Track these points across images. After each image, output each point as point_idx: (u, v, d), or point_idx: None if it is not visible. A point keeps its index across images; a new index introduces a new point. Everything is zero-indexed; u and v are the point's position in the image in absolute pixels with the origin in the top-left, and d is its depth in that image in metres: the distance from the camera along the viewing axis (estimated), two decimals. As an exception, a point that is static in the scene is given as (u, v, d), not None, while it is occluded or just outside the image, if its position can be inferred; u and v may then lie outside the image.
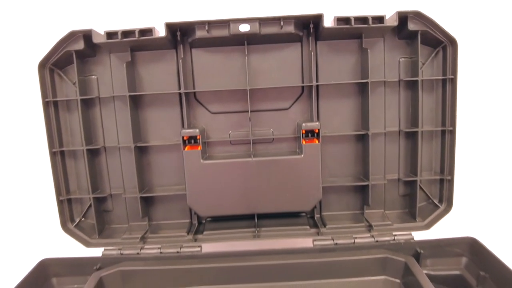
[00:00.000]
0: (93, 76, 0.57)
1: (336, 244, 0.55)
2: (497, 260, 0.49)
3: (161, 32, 0.52)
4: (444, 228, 0.56)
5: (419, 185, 0.58)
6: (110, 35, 0.52)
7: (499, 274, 0.48)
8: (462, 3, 0.62)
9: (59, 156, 0.57)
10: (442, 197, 0.59)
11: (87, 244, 0.58)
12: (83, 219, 0.61)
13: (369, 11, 0.53)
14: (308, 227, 0.58)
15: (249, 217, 0.60)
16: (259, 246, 0.55)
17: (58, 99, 0.56)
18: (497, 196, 0.66)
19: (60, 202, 0.58)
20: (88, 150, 0.57)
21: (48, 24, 0.63)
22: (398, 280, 0.53)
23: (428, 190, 0.59)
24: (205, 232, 0.58)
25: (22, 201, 0.68)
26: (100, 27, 0.53)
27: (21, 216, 0.68)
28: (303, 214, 0.61)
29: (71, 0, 0.64)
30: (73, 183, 0.59)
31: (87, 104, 0.57)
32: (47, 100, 0.55)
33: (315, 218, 0.61)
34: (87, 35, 0.53)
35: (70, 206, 0.59)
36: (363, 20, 0.51)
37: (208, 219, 0.61)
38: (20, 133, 0.66)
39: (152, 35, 0.51)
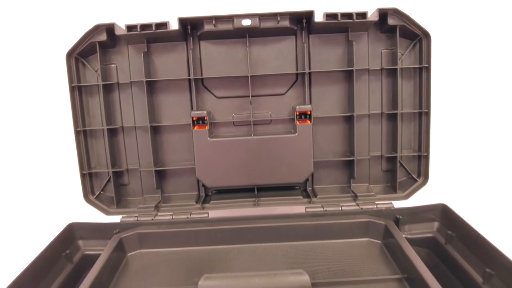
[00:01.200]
0: (113, 65, 0.66)
1: (326, 210, 0.63)
2: (463, 222, 0.57)
3: (174, 26, 0.61)
4: (421, 198, 0.65)
5: (399, 161, 0.67)
6: (130, 28, 0.60)
7: (464, 233, 0.56)
8: (435, 1, 0.71)
9: (82, 135, 0.65)
10: (420, 171, 0.67)
11: (107, 212, 0.66)
12: (102, 192, 0.69)
13: (355, 8, 0.61)
14: (301, 197, 0.66)
15: (250, 190, 0.68)
16: (259, 213, 0.64)
17: (82, 84, 0.64)
18: (465, 169, 0.75)
19: (83, 176, 0.66)
20: (108, 129, 0.65)
21: (71, 19, 0.72)
22: (379, 241, 0.61)
23: (408, 166, 0.68)
24: (211, 202, 0.66)
25: (53, 175, 0.76)
26: (111, 21, 0.61)
27: (51, 188, 0.76)
28: (297, 187, 0.69)
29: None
30: (94, 160, 0.68)
31: (108, 89, 0.65)
32: (73, 85, 0.63)
33: (308, 190, 0.69)
34: (109, 28, 0.61)
35: (91, 180, 0.67)
36: (348, 15, 0.60)
37: (214, 191, 0.69)
38: (49, 114, 0.75)
39: (166, 28, 0.60)
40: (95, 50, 0.63)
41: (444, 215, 0.62)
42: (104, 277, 0.53)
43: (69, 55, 0.62)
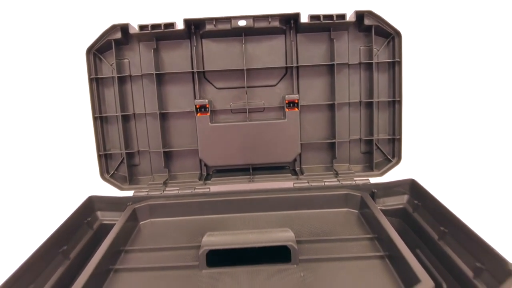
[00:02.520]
0: (126, 60, 0.75)
1: (310, 185, 0.73)
2: (427, 193, 0.67)
3: (179, 26, 0.70)
4: (393, 174, 0.74)
5: (376, 144, 0.77)
6: (142, 27, 0.70)
7: (428, 202, 0.66)
8: (405, 4, 0.81)
9: (99, 121, 0.75)
10: (394, 153, 0.77)
11: (121, 188, 0.75)
12: (116, 172, 0.78)
13: (336, 11, 0.71)
14: (290, 175, 0.76)
15: (245, 169, 0.78)
16: (253, 187, 0.74)
17: (99, 76, 0.74)
18: (431, 149, 0.85)
19: (99, 157, 0.75)
20: (121, 116, 0.74)
21: (89, 20, 0.81)
22: (356, 211, 0.71)
23: (383, 148, 0.78)
24: (212, 179, 0.76)
25: (74, 156, 0.86)
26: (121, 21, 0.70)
27: (74, 166, 0.86)
28: (287, 166, 0.79)
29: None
30: (109, 143, 0.77)
31: (121, 81, 0.75)
32: (91, 77, 0.73)
33: (296, 169, 0.79)
34: (124, 27, 0.70)
35: (107, 160, 0.77)
36: (330, 17, 0.69)
37: (214, 170, 0.79)
38: (70, 103, 0.84)
39: (173, 28, 0.69)
40: (110, 46, 0.72)
41: (413, 189, 0.71)
42: (119, 241, 0.62)
43: (88, 51, 0.72)
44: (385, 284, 0.50)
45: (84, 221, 0.67)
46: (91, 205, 0.71)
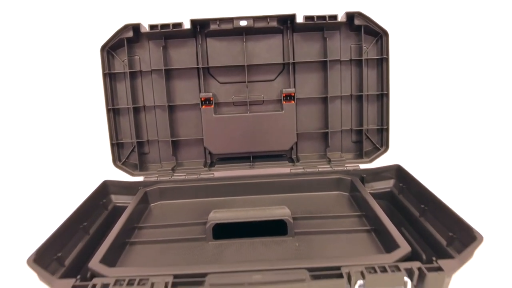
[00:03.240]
0: (136, 56, 0.81)
1: (305, 171, 0.79)
2: (412, 177, 0.73)
3: (186, 25, 0.76)
4: (381, 161, 0.81)
5: (365, 134, 0.83)
6: (152, 27, 0.76)
7: (412, 184, 0.72)
8: (392, 6, 0.87)
9: (112, 113, 0.81)
10: (382, 142, 0.84)
11: (132, 174, 0.82)
12: (127, 160, 0.85)
13: (329, 12, 0.77)
14: (287, 162, 0.83)
15: (246, 157, 0.84)
16: (253, 173, 0.80)
17: (112, 72, 0.80)
18: (416, 138, 0.92)
19: (112, 145, 0.82)
20: (133, 108, 0.81)
21: (102, 21, 0.88)
22: (347, 193, 0.77)
23: (372, 138, 0.84)
24: (216, 166, 0.82)
25: (90, 144, 0.93)
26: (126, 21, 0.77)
27: (90, 154, 0.93)
28: (284, 155, 0.85)
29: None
30: (121, 133, 0.83)
31: (132, 76, 0.81)
32: (105, 72, 0.79)
33: (292, 157, 0.85)
34: (135, 27, 0.77)
35: (119, 149, 0.83)
36: (323, 18, 0.76)
37: (218, 158, 0.85)
38: (86, 96, 0.90)
39: (180, 28, 0.76)
40: (123, 44, 0.78)
41: (398, 173, 0.78)
42: (133, 218, 0.69)
43: (103, 48, 0.78)
44: (369, 250, 0.56)
45: (100, 203, 0.74)
46: (105, 189, 0.77)
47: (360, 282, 0.46)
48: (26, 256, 0.51)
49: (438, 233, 0.60)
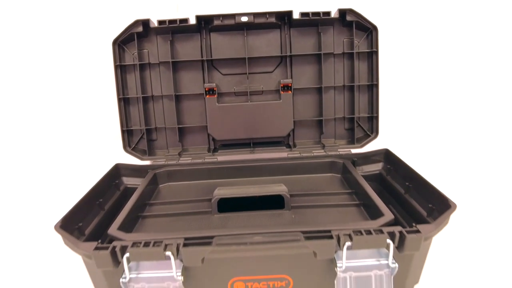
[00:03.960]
0: (145, 50, 0.87)
1: (301, 155, 0.86)
2: (398, 159, 0.79)
3: (192, 21, 0.82)
4: (371, 146, 0.87)
5: (357, 121, 0.89)
6: (160, 22, 0.82)
7: (398, 165, 0.78)
8: (381, 4, 0.93)
9: (123, 102, 0.87)
10: (372, 129, 0.90)
11: (141, 159, 0.88)
12: (136, 146, 0.90)
13: (323, 9, 0.83)
14: (284, 147, 0.89)
15: (247, 144, 0.90)
16: (253, 157, 0.86)
17: (123, 64, 0.86)
18: (402, 124, 0.99)
19: (123, 132, 0.87)
20: (142, 97, 0.87)
21: (112, 17, 0.93)
22: (339, 175, 0.84)
23: (364, 125, 0.90)
24: (219, 151, 0.88)
25: (103, 131, 0.98)
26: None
27: (104, 140, 0.98)
28: (282, 141, 0.91)
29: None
30: (130, 121, 0.89)
31: (141, 68, 0.87)
32: (116, 64, 0.85)
33: (289, 143, 0.91)
34: (145, 22, 0.82)
35: (129, 135, 0.89)
36: (317, 14, 0.82)
37: (220, 144, 0.91)
38: (100, 86, 0.96)
39: (186, 23, 0.82)
40: (133, 38, 0.84)
41: (387, 156, 0.84)
42: (144, 196, 0.75)
43: (114, 42, 0.84)
44: (357, 220, 0.63)
45: (113, 183, 0.80)
46: (117, 171, 0.83)
47: (348, 243, 0.52)
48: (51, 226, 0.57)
49: (420, 206, 0.66)
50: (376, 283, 0.55)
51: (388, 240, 0.52)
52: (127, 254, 0.51)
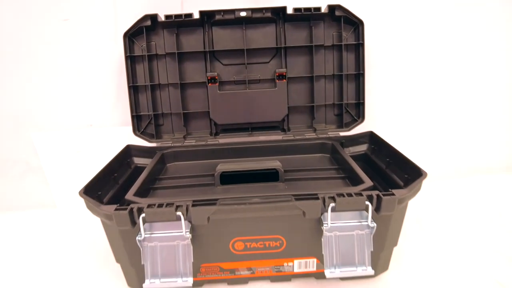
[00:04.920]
0: (153, 42, 0.94)
1: (295, 137, 0.93)
2: (381, 139, 0.87)
3: (196, 16, 0.90)
4: (358, 130, 0.95)
5: (345, 108, 0.97)
6: (167, 17, 0.89)
7: (381, 145, 0.86)
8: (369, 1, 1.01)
9: (132, 89, 0.94)
10: (359, 114, 0.97)
11: (149, 141, 0.95)
12: (144, 130, 0.97)
13: (314, 5, 0.91)
14: (279, 131, 0.96)
15: (245, 128, 0.97)
16: (251, 140, 0.94)
17: (133, 55, 0.93)
18: (385, 110, 1.07)
19: (132, 117, 0.94)
20: (150, 85, 0.94)
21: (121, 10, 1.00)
22: (328, 155, 0.92)
23: (351, 111, 0.97)
24: (220, 134, 0.96)
25: (115, 116, 1.06)
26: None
27: (115, 123, 1.06)
28: (277, 125, 0.98)
29: None
30: (139, 106, 0.96)
31: (149, 58, 0.94)
32: (127, 55, 0.91)
33: (284, 128, 0.98)
34: (153, 17, 0.90)
35: (138, 120, 0.96)
36: (308, 9, 0.89)
37: (221, 128, 0.98)
38: (112, 74, 1.02)
39: (191, 18, 0.89)
40: (141, 32, 0.91)
41: (371, 138, 0.92)
42: (154, 172, 0.82)
43: (125, 35, 0.90)
44: (341, 187, 0.71)
45: (125, 162, 0.87)
46: (128, 151, 0.90)
47: (332, 204, 0.60)
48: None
49: (398, 177, 0.74)
50: (358, 241, 0.64)
51: (367, 202, 0.60)
52: (143, 215, 0.59)
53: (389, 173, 0.78)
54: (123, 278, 0.74)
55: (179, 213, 0.59)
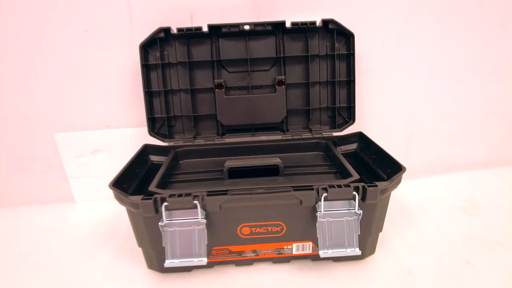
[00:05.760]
0: (166, 52, 1.03)
1: (293, 137, 1.04)
2: (368, 138, 0.97)
3: (204, 29, 1.00)
4: (349, 130, 1.06)
5: (338, 110, 1.07)
6: (179, 30, 0.99)
7: (368, 144, 0.97)
8: (358, 16, 1.11)
9: (147, 94, 1.04)
10: (350, 116, 1.08)
11: (163, 141, 1.05)
12: (158, 130, 1.07)
13: (310, 19, 1.01)
14: (279, 132, 1.06)
15: (249, 129, 1.07)
16: (254, 139, 1.04)
17: (148, 63, 1.02)
18: (373, 113, 1.17)
19: (148, 119, 1.04)
20: (163, 91, 1.04)
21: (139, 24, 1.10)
22: (322, 153, 1.02)
23: (343, 114, 1.08)
24: (226, 134, 1.06)
25: (132, 119, 1.15)
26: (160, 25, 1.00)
27: (134, 125, 1.16)
28: (277, 127, 1.08)
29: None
30: (153, 110, 1.05)
31: (163, 66, 1.03)
32: (143, 63, 1.01)
33: (283, 129, 1.08)
34: (166, 29, 0.99)
35: (152, 122, 1.06)
36: (305, 23, 0.99)
37: (227, 129, 1.08)
38: (127, 81, 1.11)
39: (200, 30, 0.99)
40: (156, 42, 1.00)
41: (360, 138, 1.02)
42: (170, 168, 0.92)
43: (141, 46, 1.00)
44: (333, 180, 0.81)
45: (143, 159, 0.97)
46: (145, 150, 1.00)
47: (324, 194, 0.71)
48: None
49: (382, 172, 0.85)
50: (347, 226, 0.74)
51: (354, 192, 0.71)
52: (165, 203, 0.70)
53: (375, 168, 0.88)
54: (142, 263, 0.84)
55: (195, 201, 0.70)
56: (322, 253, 0.73)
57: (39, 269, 0.89)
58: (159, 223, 0.72)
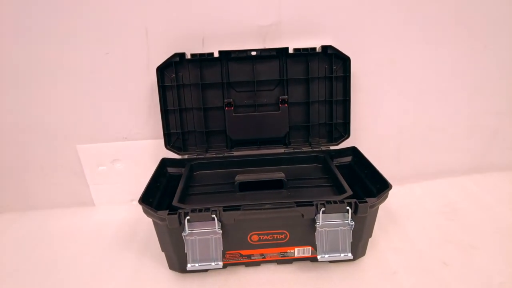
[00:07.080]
0: (180, 74, 1.14)
1: (294, 150, 1.16)
2: (361, 153, 1.09)
3: (216, 54, 1.10)
4: (344, 144, 1.18)
5: (334, 126, 1.19)
6: (193, 55, 1.10)
7: (361, 159, 1.08)
8: (354, 40, 1.21)
9: (164, 112, 1.15)
10: (346, 131, 1.19)
11: (178, 154, 1.17)
12: (173, 144, 1.19)
13: (310, 45, 1.12)
14: (282, 145, 1.18)
15: (255, 143, 1.18)
16: (259, 152, 1.16)
17: (164, 84, 1.13)
18: (366, 129, 1.29)
19: (164, 135, 1.15)
20: (178, 109, 1.15)
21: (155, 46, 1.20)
22: (321, 165, 1.14)
23: (339, 129, 1.19)
24: (235, 148, 1.18)
25: (149, 134, 1.26)
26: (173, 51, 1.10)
27: (153, 139, 1.27)
28: (280, 140, 1.20)
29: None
30: (169, 126, 1.16)
31: (178, 87, 1.14)
32: (160, 85, 1.12)
33: (286, 142, 1.20)
34: (181, 54, 1.10)
35: (169, 137, 1.17)
36: (306, 49, 1.10)
37: (236, 143, 1.19)
38: (143, 98, 1.22)
39: (212, 56, 1.10)
40: (171, 65, 1.11)
41: (354, 152, 1.14)
42: (188, 181, 1.04)
43: (158, 69, 1.11)
44: (329, 195, 0.94)
45: (162, 172, 1.09)
46: (164, 163, 1.12)
47: (323, 209, 0.83)
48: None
49: (373, 186, 0.97)
50: (341, 234, 0.87)
51: (347, 207, 0.84)
52: (188, 217, 0.82)
53: (366, 182, 1.01)
54: (163, 263, 0.96)
55: (213, 215, 0.82)
56: (320, 258, 0.86)
57: (68, 268, 1.01)
58: (182, 233, 0.84)
